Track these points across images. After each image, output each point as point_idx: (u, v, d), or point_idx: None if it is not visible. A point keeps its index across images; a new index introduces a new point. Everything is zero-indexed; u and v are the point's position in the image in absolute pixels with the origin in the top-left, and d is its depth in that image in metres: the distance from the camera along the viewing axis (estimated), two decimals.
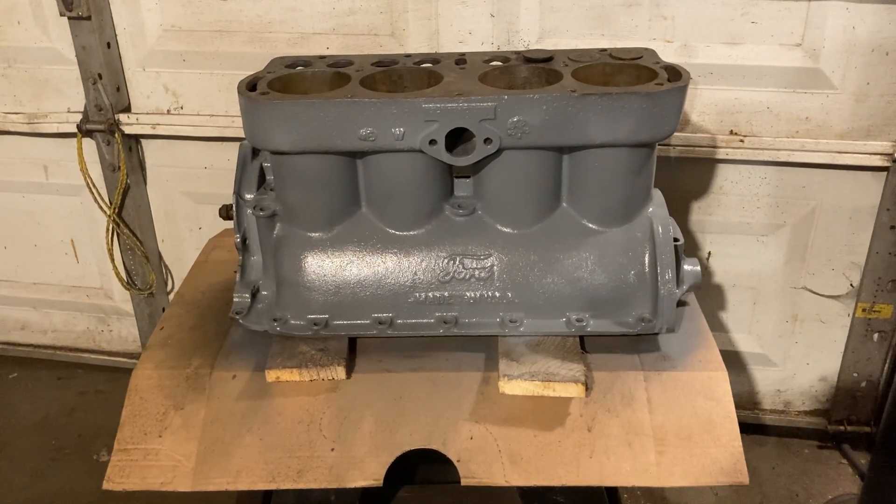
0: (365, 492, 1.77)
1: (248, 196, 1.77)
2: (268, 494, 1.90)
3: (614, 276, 1.65)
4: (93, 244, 2.91)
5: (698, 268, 1.74)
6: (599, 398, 1.58)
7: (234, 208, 1.77)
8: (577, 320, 1.65)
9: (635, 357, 1.66)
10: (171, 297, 2.71)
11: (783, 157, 2.28)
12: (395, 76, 1.75)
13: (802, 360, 2.62)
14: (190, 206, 2.78)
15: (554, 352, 1.63)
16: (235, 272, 1.78)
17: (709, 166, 2.39)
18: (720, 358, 1.66)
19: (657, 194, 1.74)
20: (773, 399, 2.71)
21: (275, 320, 1.70)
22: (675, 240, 1.69)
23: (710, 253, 2.54)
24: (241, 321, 1.72)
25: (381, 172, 1.66)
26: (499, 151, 1.59)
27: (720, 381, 1.60)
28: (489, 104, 1.54)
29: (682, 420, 1.55)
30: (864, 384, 2.55)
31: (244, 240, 1.77)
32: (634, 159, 1.62)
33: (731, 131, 2.32)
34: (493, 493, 1.67)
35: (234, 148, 2.60)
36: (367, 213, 1.72)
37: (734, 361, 2.64)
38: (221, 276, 1.99)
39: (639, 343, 1.69)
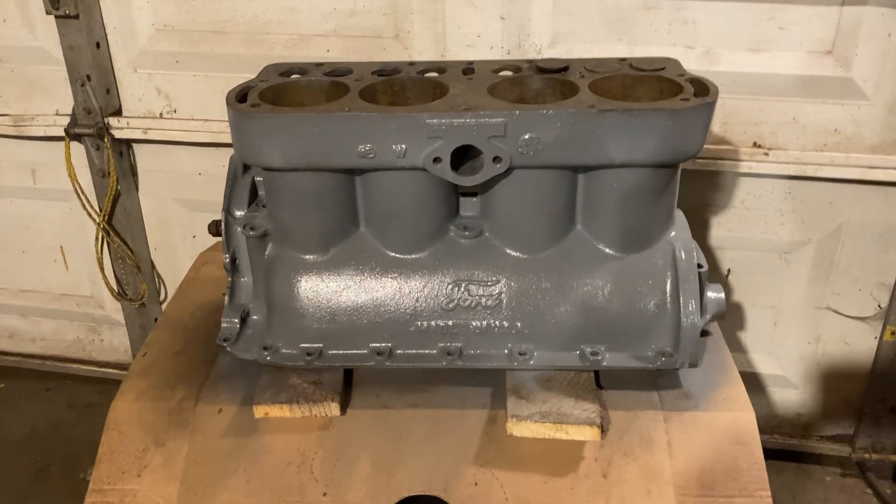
0: None
1: (239, 213, 1.65)
2: None
3: (632, 305, 1.53)
4: (83, 251, 2.79)
5: (722, 295, 1.61)
6: (616, 441, 1.46)
7: (222, 226, 1.65)
8: (592, 353, 1.53)
9: (654, 395, 1.54)
10: (164, 307, 2.58)
11: (810, 171, 2.14)
12: (397, 86, 1.62)
13: (825, 383, 2.49)
14: (183, 213, 2.65)
15: (567, 389, 1.51)
16: (224, 294, 1.65)
17: (730, 180, 2.26)
18: (746, 396, 1.53)
19: (679, 216, 1.61)
20: (793, 423, 2.58)
21: (265, 349, 1.58)
22: (699, 266, 1.56)
23: (729, 270, 2.40)
24: (228, 349, 1.59)
25: (381, 191, 1.54)
26: (509, 170, 1.46)
27: (747, 423, 1.48)
28: (499, 120, 1.41)
29: (705, 466, 1.43)
30: (891, 411, 2.41)
31: (234, 260, 1.65)
32: (656, 180, 1.49)
33: (755, 143, 2.18)
34: None
35: (229, 154, 2.48)
36: (366, 234, 1.60)
37: (752, 383, 2.51)
38: (212, 295, 1.87)
39: (658, 378, 1.57)
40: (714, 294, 1.61)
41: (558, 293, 1.54)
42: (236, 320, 1.62)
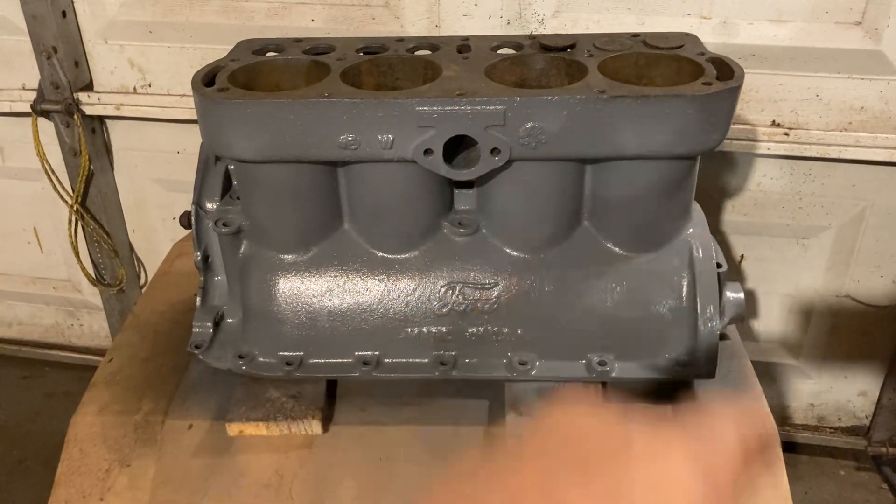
0: None
1: (210, 206, 1.49)
2: None
3: (645, 310, 1.38)
4: (57, 233, 2.63)
5: (742, 295, 1.47)
6: None
7: (192, 220, 1.49)
8: (600, 363, 1.39)
9: (668, 408, 1.40)
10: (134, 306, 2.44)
11: (833, 152, 1.98)
12: (384, 66, 1.45)
13: (840, 373, 2.37)
14: (162, 194, 2.50)
15: None
16: (196, 295, 1.51)
17: (746, 161, 2.10)
18: (768, 410, 1.39)
19: (697, 211, 1.46)
20: (806, 414, 2.46)
21: (240, 357, 1.44)
22: (718, 266, 1.41)
23: (742, 256, 2.26)
24: (200, 357, 1.45)
25: (366, 185, 1.38)
26: (508, 163, 1.30)
27: (769, 442, 1.34)
28: (497, 107, 1.25)
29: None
30: None
31: (206, 258, 1.50)
32: (673, 174, 1.34)
33: (774, 122, 2.02)
34: None
35: None
36: (351, 231, 1.45)
37: (765, 372, 2.38)
38: (185, 293, 1.72)
39: (671, 390, 1.43)
40: (733, 294, 1.47)
41: (563, 297, 1.39)
42: (209, 324, 1.48)
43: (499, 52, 1.46)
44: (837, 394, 2.41)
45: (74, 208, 2.40)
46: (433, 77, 1.36)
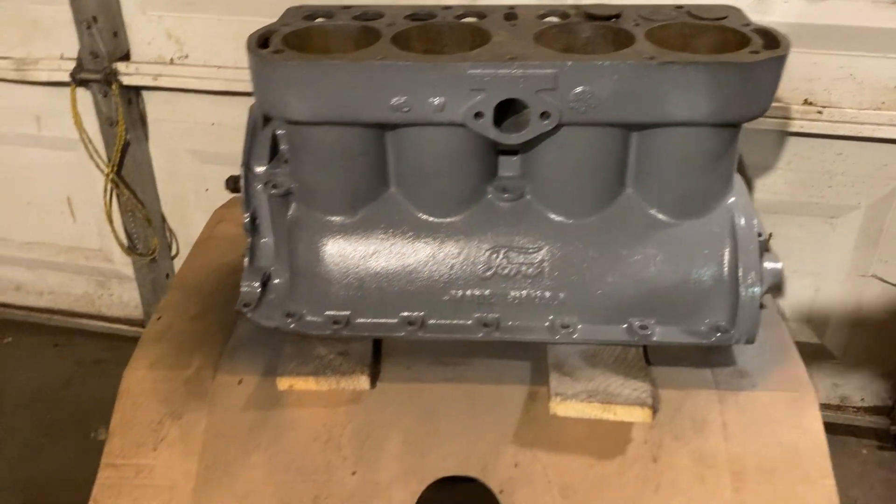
0: None
1: (259, 169, 1.52)
2: None
3: (686, 276, 1.41)
4: (91, 203, 2.67)
5: (780, 265, 1.49)
6: (666, 422, 1.36)
7: (242, 182, 1.52)
8: (641, 327, 1.42)
9: (707, 372, 1.43)
10: (178, 268, 2.47)
11: (866, 131, 2.00)
12: (432, 32, 1.48)
13: (864, 353, 2.39)
14: (196, 165, 2.53)
15: (614, 365, 1.40)
16: (244, 256, 1.54)
17: (777, 139, 2.12)
18: (807, 376, 1.43)
19: (738, 181, 1.48)
20: (828, 393, 2.48)
21: (288, 316, 1.47)
22: (758, 234, 1.44)
23: (770, 234, 2.27)
24: (249, 315, 1.48)
25: (415, 149, 1.41)
26: (557, 128, 1.33)
27: (808, 406, 1.38)
28: (549, 71, 1.28)
29: (763, 451, 1.33)
30: None
31: (254, 219, 1.53)
32: (718, 141, 1.36)
33: (806, 100, 2.03)
34: None
35: (244, 103, 2.32)
36: (397, 194, 1.48)
37: None
38: (228, 256, 1.76)
39: (710, 355, 1.46)
40: (771, 264, 1.49)
41: (606, 262, 1.42)
42: (257, 284, 1.51)
43: (545, 20, 1.49)
44: (861, 374, 2.43)
45: (110, 177, 2.44)
46: (481, 43, 1.39)
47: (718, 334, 1.40)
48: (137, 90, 2.40)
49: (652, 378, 1.40)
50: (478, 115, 1.32)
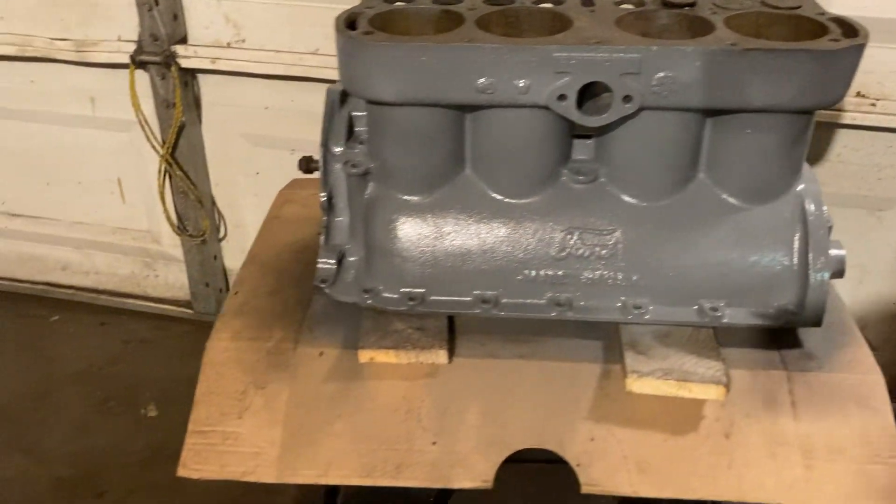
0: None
1: (337, 149, 1.56)
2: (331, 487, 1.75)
3: (757, 259, 1.44)
4: (140, 184, 2.72)
5: (843, 252, 1.52)
6: (737, 400, 1.39)
7: (320, 162, 1.56)
8: (712, 309, 1.45)
9: (775, 354, 1.47)
10: (251, 245, 2.52)
11: None
12: (512, 17, 1.51)
13: None
14: (247, 148, 2.57)
15: (686, 345, 1.44)
16: (319, 234, 1.58)
17: (827, 131, 2.16)
18: (873, 359, 1.46)
19: (807, 167, 1.51)
20: None
21: (365, 292, 1.51)
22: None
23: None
24: (327, 291, 1.52)
25: (494, 130, 1.45)
26: (637, 111, 1.37)
27: (876, 387, 1.41)
28: (634, 56, 1.31)
29: (832, 430, 1.36)
30: None
31: (330, 198, 1.57)
32: (793, 127, 1.39)
33: (859, 93, 2.07)
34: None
35: (298, 88, 2.39)
36: (473, 175, 1.51)
37: None
38: (297, 235, 1.80)
39: (778, 338, 1.49)
40: (835, 251, 1.52)
41: (678, 244, 1.45)
42: (333, 262, 1.55)
43: (622, 6, 1.52)
44: None
45: (165, 158, 2.48)
46: (562, 28, 1.42)
47: (787, 317, 1.44)
48: (194, 73, 2.45)
49: (723, 358, 1.43)
50: (561, 97, 1.35)
